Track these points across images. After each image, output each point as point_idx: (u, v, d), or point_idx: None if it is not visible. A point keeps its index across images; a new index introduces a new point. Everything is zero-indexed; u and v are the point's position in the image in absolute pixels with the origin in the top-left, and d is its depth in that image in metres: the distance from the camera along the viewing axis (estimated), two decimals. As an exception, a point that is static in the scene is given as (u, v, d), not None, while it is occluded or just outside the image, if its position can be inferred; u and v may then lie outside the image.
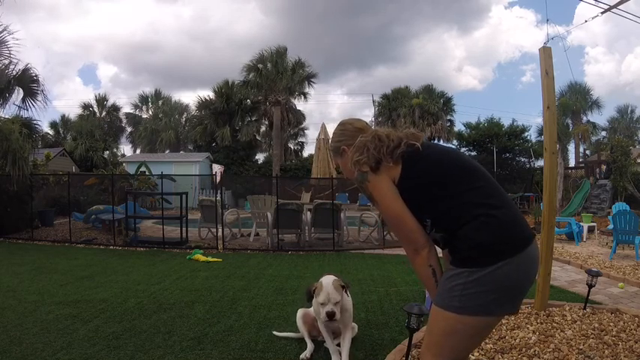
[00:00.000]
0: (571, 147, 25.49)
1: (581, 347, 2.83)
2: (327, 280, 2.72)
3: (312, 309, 3.15)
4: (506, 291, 1.46)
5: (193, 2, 55.12)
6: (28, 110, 10.09)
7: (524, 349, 2.79)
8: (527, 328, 3.20)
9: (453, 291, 1.47)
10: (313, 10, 51.53)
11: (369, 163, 1.59)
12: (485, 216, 1.48)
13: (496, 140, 21.65)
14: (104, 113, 31.48)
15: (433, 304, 1.56)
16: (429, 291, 1.63)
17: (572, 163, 26.87)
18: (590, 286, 3.74)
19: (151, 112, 32.14)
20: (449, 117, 25.83)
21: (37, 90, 10.08)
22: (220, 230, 8.15)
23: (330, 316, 2.65)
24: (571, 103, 21.82)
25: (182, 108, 31.83)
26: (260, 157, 26.83)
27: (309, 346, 2.97)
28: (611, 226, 7.81)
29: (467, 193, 1.54)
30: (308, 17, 52.54)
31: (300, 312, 3.20)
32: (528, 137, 23.04)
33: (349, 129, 1.82)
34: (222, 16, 54.73)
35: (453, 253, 1.53)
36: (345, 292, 2.81)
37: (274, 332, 3.33)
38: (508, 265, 1.43)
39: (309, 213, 8.39)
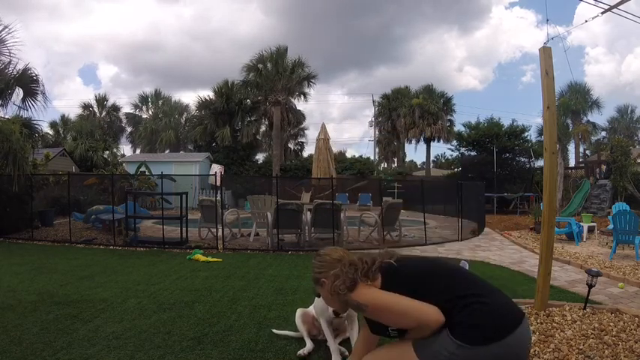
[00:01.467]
0: (571, 147, 25.56)
1: (581, 347, 2.83)
2: None
3: (311, 307, 3.16)
4: None
5: (195, 2, 55.30)
6: (28, 110, 10.09)
7: (524, 349, 2.79)
8: (527, 328, 3.19)
9: (438, 356, 1.59)
10: (314, 11, 51.66)
11: (346, 286, 1.78)
12: (478, 303, 1.64)
13: (496, 140, 21.59)
14: (104, 113, 31.54)
15: (415, 352, 1.67)
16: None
17: (572, 163, 26.89)
18: (590, 286, 3.74)
19: (150, 112, 32.19)
20: (449, 117, 25.87)
21: (37, 90, 10.08)
22: (220, 230, 8.15)
23: None
24: (571, 103, 21.83)
25: (182, 108, 31.90)
26: (260, 157, 26.85)
27: (309, 344, 2.98)
28: (611, 226, 7.81)
29: (445, 292, 1.70)
30: (308, 17, 52.68)
31: (298, 311, 3.21)
32: (528, 137, 22.97)
33: (327, 260, 1.97)
34: (223, 16, 54.89)
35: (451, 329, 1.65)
36: None
37: (273, 330, 3.34)
38: (498, 347, 1.56)
39: (309, 213, 8.39)
